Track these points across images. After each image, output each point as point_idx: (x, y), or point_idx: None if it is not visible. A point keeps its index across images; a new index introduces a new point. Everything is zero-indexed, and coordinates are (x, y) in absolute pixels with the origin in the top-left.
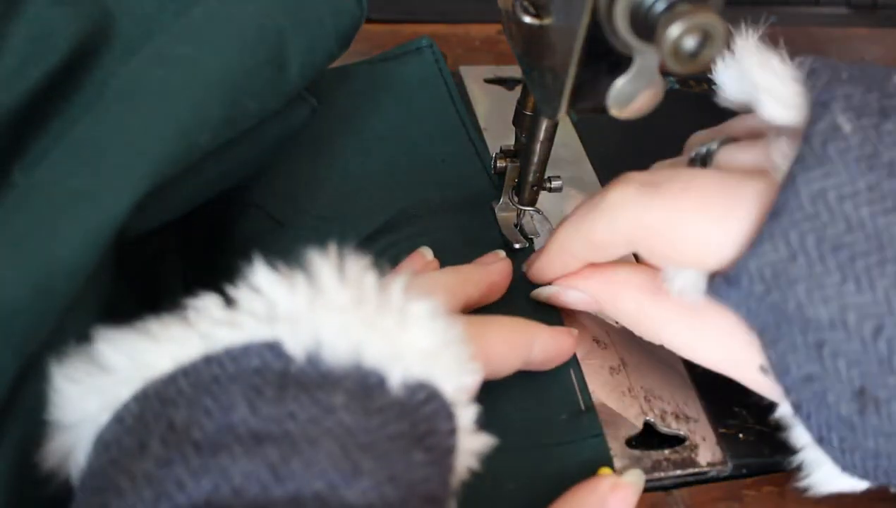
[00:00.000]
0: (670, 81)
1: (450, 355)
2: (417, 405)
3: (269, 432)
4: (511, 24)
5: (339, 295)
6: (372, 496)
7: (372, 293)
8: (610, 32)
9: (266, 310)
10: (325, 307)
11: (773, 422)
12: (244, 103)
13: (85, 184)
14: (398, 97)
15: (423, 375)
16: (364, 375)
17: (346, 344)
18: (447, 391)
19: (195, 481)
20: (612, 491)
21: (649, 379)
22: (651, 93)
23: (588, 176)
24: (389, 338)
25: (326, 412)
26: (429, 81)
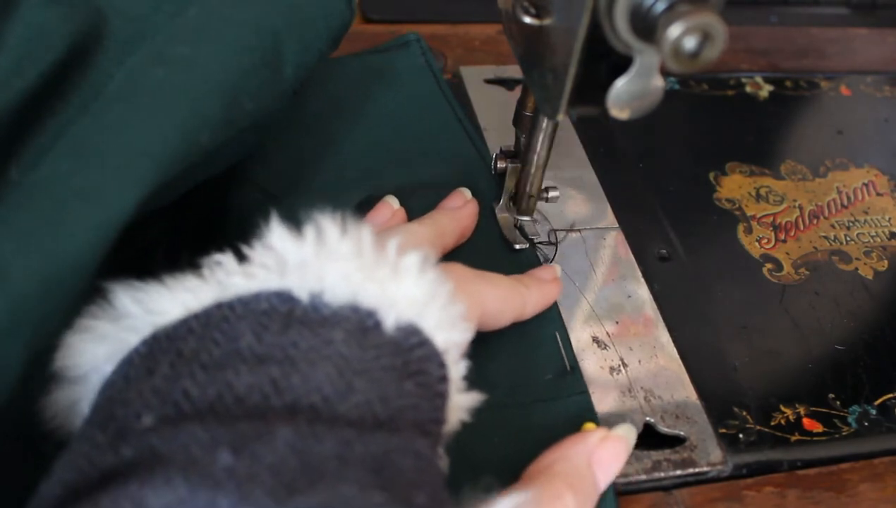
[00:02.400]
0: (670, 81)
1: (439, 307)
2: (410, 347)
3: (272, 355)
4: (511, 24)
5: (341, 246)
6: (363, 411)
7: (369, 247)
8: (610, 32)
9: (277, 263)
10: (328, 256)
11: (773, 422)
12: (242, 103)
13: (90, 183)
14: (387, 84)
15: (415, 323)
16: (361, 318)
17: (345, 289)
18: (438, 342)
19: (200, 391)
20: (601, 444)
21: (649, 379)
22: (651, 93)
23: (588, 176)
24: (384, 286)
25: (326, 343)
26: (416, 72)
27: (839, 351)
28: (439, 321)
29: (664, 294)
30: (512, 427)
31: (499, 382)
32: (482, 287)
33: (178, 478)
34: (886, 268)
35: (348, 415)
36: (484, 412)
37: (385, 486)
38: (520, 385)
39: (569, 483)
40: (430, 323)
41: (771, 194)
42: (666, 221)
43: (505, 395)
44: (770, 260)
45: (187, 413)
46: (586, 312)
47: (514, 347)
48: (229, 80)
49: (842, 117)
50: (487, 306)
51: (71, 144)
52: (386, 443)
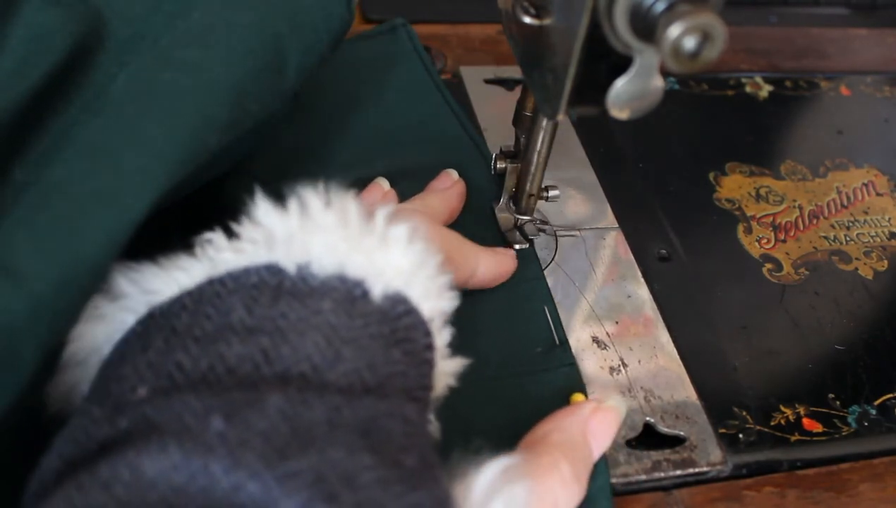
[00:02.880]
0: (670, 81)
1: (426, 277)
2: (397, 316)
3: (262, 326)
4: (511, 24)
5: (325, 218)
6: (351, 378)
7: (355, 217)
8: (610, 32)
9: (264, 238)
10: (313, 228)
11: (773, 422)
12: (247, 106)
13: (105, 185)
14: (375, 70)
15: (402, 292)
16: (349, 288)
17: (332, 260)
18: (424, 310)
19: (193, 363)
20: (594, 414)
21: (649, 379)
22: (651, 93)
23: (588, 176)
24: (371, 256)
25: (314, 313)
26: (404, 57)
27: (839, 351)
28: (426, 290)
29: (664, 294)
30: (504, 398)
31: (490, 356)
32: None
33: (173, 445)
34: (886, 268)
35: (337, 383)
36: (476, 385)
37: (374, 449)
38: (510, 358)
39: (564, 452)
40: (416, 293)
41: (771, 194)
42: (666, 221)
43: (496, 368)
44: (770, 261)
45: (180, 384)
46: (586, 312)
47: (503, 322)
48: (235, 83)
49: (842, 117)
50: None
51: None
52: (374, 408)
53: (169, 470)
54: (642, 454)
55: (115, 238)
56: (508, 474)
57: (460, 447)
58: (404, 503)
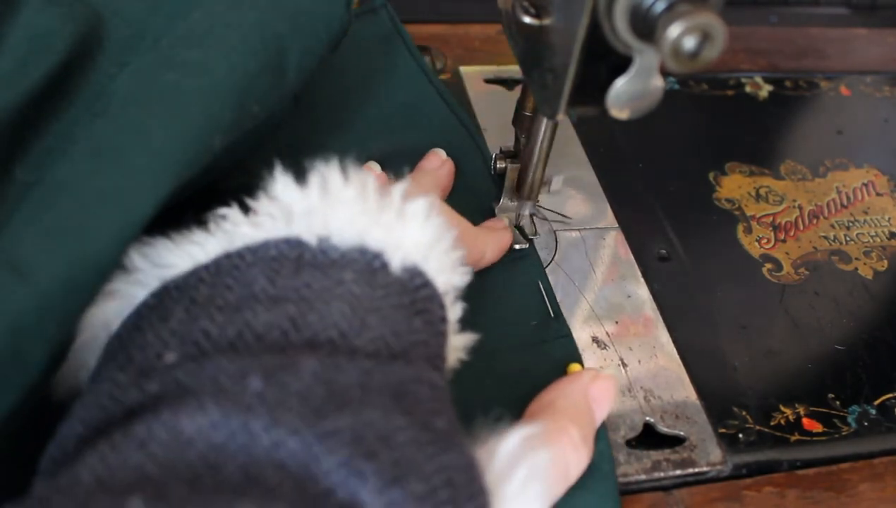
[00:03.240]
0: (670, 81)
1: (441, 251)
2: (415, 288)
3: (287, 296)
4: (511, 24)
5: (345, 192)
6: (378, 345)
7: (373, 192)
8: (610, 32)
9: (282, 212)
10: (333, 202)
11: (773, 422)
12: (249, 107)
13: (112, 185)
14: (359, 53)
15: (419, 265)
16: (369, 260)
17: (352, 232)
18: (439, 284)
19: (219, 331)
20: (594, 381)
21: (649, 379)
22: (651, 93)
23: (588, 176)
24: (390, 230)
25: (337, 283)
26: (386, 40)
27: (839, 351)
28: (441, 265)
29: (664, 294)
30: (502, 370)
31: (487, 330)
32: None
33: (210, 404)
34: (886, 268)
35: (365, 349)
36: (475, 357)
37: (406, 411)
38: (507, 332)
39: (571, 417)
40: (432, 267)
41: (771, 194)
42: (666, 221)
43: (493, 342)
44: (770, 261)
45: (208, 350)
46: (586, 312)
47: (498, 297)
48: (238, 84)
49: (842, 117)
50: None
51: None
52: (402, 373)
53: (207, 429)
54: (642, 454)
55: (121, 237)
56: (531, 442)
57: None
58: (437, 463)
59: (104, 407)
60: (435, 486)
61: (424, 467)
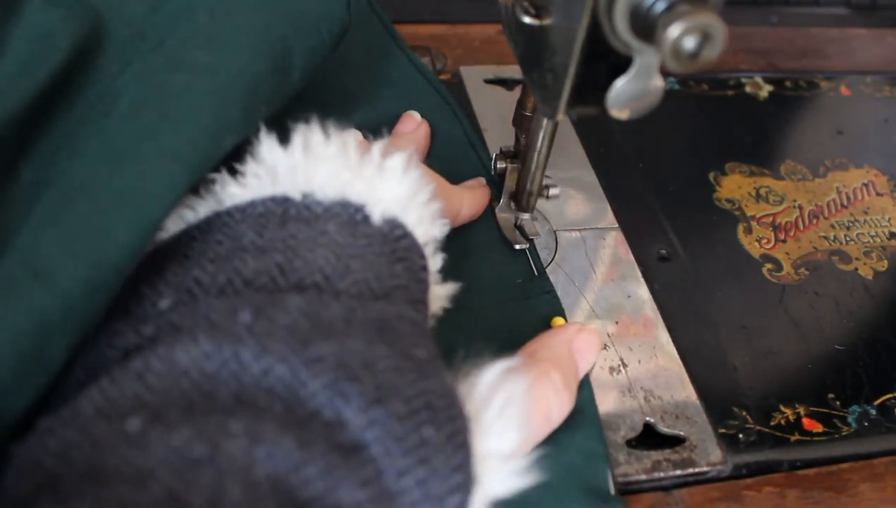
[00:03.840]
0: (670, 81)
1: (419, 204)
2: (395, 238)
3: (274, 246)
4: (511, 24)
5: (326, 149)
6: (361, 287)
7: (354, 149)
8: (610, 32)
9: (268, 172)
10: (316, 159)
11: (773, 422)
12: (257, 107)
13: (128, 187)
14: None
15: (399, 217)
16: (351, 213)
17: (334, 187)
18: (418, 235)
19: (211, 278)
20: (578, 334)
21: (649, 379)
22: (651, 93)
23: (588, 176)
24: (370, 184)
25: (321, 233)
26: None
27: (839, 351)
28: (420, 217)
29: (664, 294)
30: (487, 325)
31: (472, 286)
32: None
33: (203, 337)
34: (886, 268)
35: (348, 291)
36: (462, 312)
37: (388, 342)
38: (491, 288)
39: (554, 364)
40: (411, 219)
41: (771, 194)
42: (666, 221)
43: (478, 297)
44: (770, 260)
45: (200, 296)
46: (586, 312)
47: (483, 258)
48: (247, 86)
49: (842, 117)
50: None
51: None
52: (384, 311)
53: (200, 359)
54: (642, 454)
55: (138, 238)
56: (510, 373)
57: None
58: (417, 387)
59: (102, 353)
60: (416, 408)
61: (405, 390)
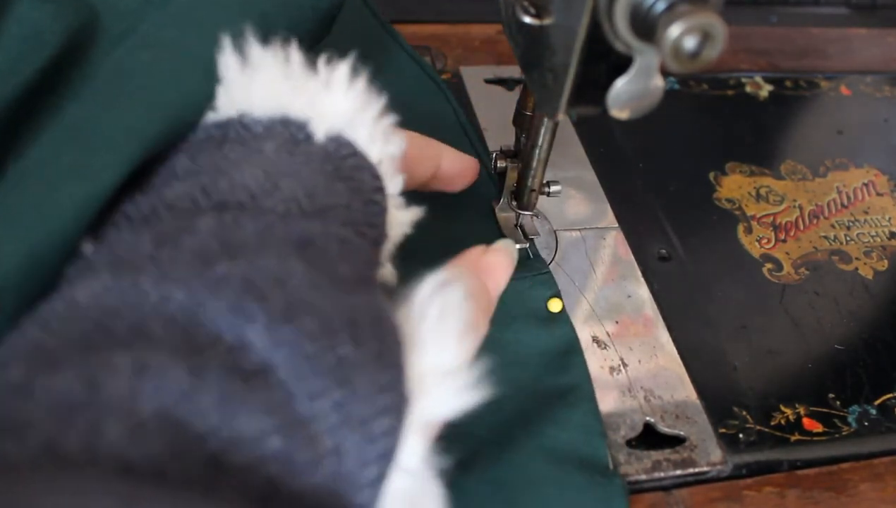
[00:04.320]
0: (670, 81)
1: (370, 119)
2: (342, 157)
3: (203, 169)
4: (511, 24)
5: (264, 61)
6: (289, 205)
7: (297, 62)
8: (610, 32)
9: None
10: (253, 72)
11: (773, 422)
12: None
13: (75, 161)
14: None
15: (345, 134)
16: (292, 132)
17: (274, 104)
18: (372, 154)
19: (136, 209)
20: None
21: (649, 379)
22: (651, 93)
23: (588, 176)
24: (313, 99)
25: (255, 152)
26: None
27: (839, 351)
28: (371, 134)
29: (664, 294)
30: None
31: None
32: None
33: (104, 271)
34: (886, 268)
35: (275, 209)
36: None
37: (306, 259)
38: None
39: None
40: (362, 135)
41: (771, 194)
42: (666, 221)
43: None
44: (770, 260)
45: (122, 227)
46: (586, 312)
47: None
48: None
49: (842, 117)
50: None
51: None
52: (309, 228)
53: (100, 294)
54: (642, 454)
55: (85, 210)
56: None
57: None
58: (337, 303)
59: None
60: (333, 326)
61: (321, 306)
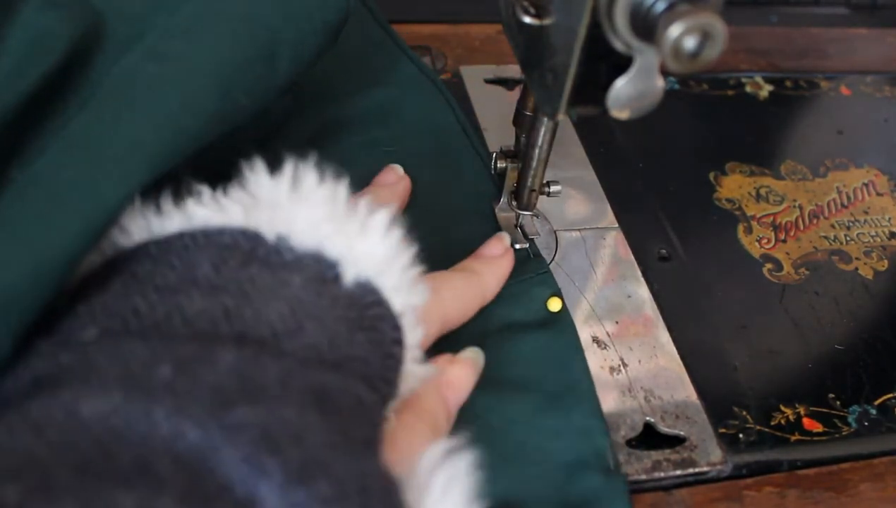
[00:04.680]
0: (670, 81)
1: (400, 269)
2: (366, 305)
3: (227, 287)
4: (511, 24)
5: (315, 193)
6: (309, 352)
7: (342, 199)
8: (610, 32)
9: (247, 201)
10: (301, 201)
11: (773, 422)
12: (236, 98)
13: (81, 176)
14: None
15: (374, 281)
16: (323, 268)
17: (312, 237)
18: (395, 304)
19: (149, 309)
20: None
21: (649, 379)
22: (651, 93)
23: (588, 176)
24: (350, 240)
25: (283, 284)
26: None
27: (839, 351)
28: (398, 283)
29: (664, 294)
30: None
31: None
32: (441, 291)
33: (115, 388)
34: (886, 268)
35: (295, 353)
36: None
37: (324, 413)
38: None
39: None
40: (388, 284)
41: (771, 194)
42: (666, 221)
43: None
44: (770, 260)
45: (133, 330)
46: (586, 312)
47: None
48: (222, 74)
49: (842, 117)
50: (448, 310)
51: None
52: (329, 380)
53: (107, 413)
54: (642, 454)
55: (91, 228)
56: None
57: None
58: (351, 468)
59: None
60: (346, 491)
61: (336, 470)
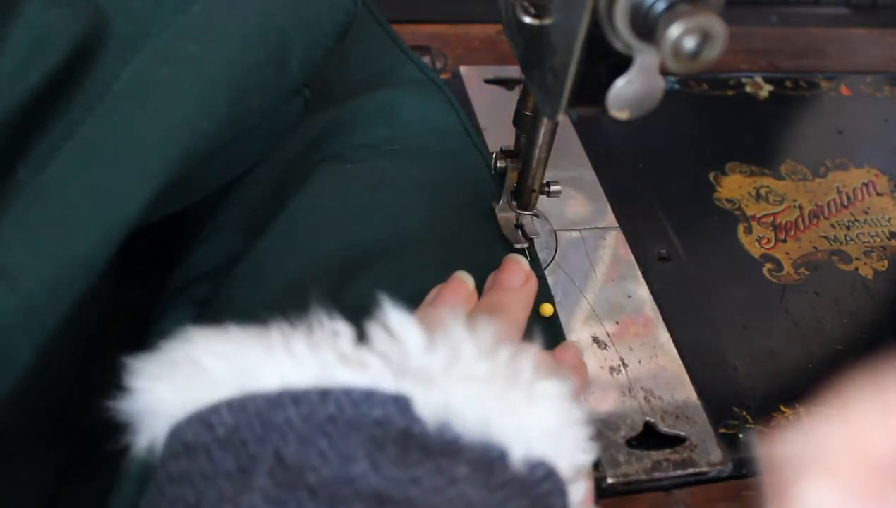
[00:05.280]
0: (670, 81)
1: (571, 435)
2: (536, 482)
3: (391, 495)
4: (511, 24)
5: (476, 365)
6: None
7: (504, 365)
8: (610, 32)
9: (399, 359)
10: (461, 375)
11: (773, 422)
12: (248, 100)
13: (100, 182)
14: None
15: (544, 453)
16: (487, 448)
17: (475, 416)
18: (563, 468)
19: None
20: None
21: (649, 379)
22: (651, 93)
23: (588, 176)
24: (517, 414)
25: (450, 482)
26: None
27: (839, 351)
28: (568, 447)
29: (664, 294)
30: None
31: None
32: None
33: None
34: (886, 268)
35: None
36: None
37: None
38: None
39: None
40: (558, 451)
41: (771, 194)
42: (666, 221)
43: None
44: (770, 260)
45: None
46: (586, 312)
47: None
48: (235, 77)
49: (842, 117)
50: None
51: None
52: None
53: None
54: (642, 454)
55: (110, 235)
56: None
57: None
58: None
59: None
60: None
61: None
